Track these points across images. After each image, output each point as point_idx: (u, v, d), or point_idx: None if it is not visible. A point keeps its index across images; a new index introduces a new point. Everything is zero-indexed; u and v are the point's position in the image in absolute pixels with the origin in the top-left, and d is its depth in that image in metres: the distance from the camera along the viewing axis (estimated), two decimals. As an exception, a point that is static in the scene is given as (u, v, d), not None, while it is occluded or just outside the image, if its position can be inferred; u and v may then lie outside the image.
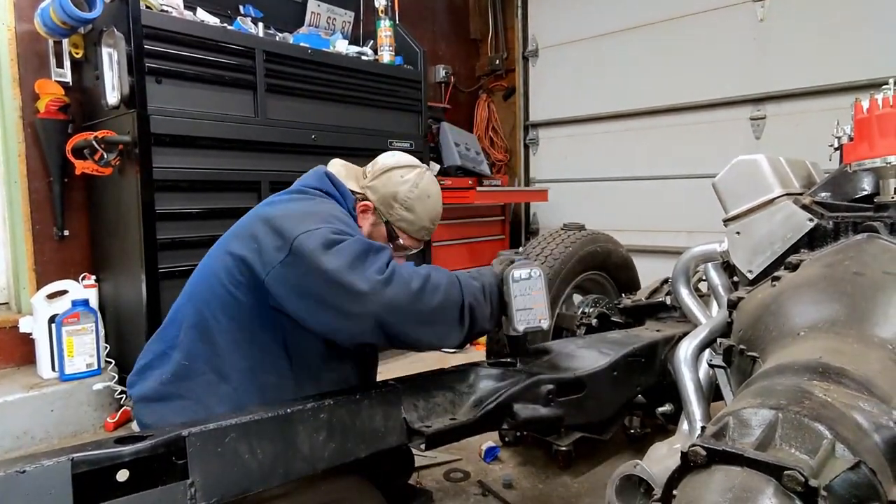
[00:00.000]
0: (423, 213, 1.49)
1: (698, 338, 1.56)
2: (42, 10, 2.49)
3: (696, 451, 0.71)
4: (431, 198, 1.50)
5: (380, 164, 1.51)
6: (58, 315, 2.58)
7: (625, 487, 1.18)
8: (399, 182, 1.46)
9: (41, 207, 2.77)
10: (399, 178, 1.47)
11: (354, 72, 3.17)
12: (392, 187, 1.46)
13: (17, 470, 0.86)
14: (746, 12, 3.57)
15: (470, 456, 2.21)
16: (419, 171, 1.50)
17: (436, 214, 1.53)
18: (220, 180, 2.63)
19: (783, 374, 0.89)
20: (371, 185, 1.48)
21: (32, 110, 2.70)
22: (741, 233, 1.54)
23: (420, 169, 1.51)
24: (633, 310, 2.17)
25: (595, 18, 4.30)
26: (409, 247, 1.54)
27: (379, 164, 1.51)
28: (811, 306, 1.12)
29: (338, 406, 1.22)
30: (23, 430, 2.40)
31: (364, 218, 1.48)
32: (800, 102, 3.42)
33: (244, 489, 1.08)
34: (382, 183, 1.47)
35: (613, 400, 1.62)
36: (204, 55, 2.56)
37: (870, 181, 1.55)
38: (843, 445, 0.71)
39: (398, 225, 1.48)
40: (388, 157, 1.53)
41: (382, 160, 1.52)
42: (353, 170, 1.55)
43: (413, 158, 1.55)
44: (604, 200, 4.35)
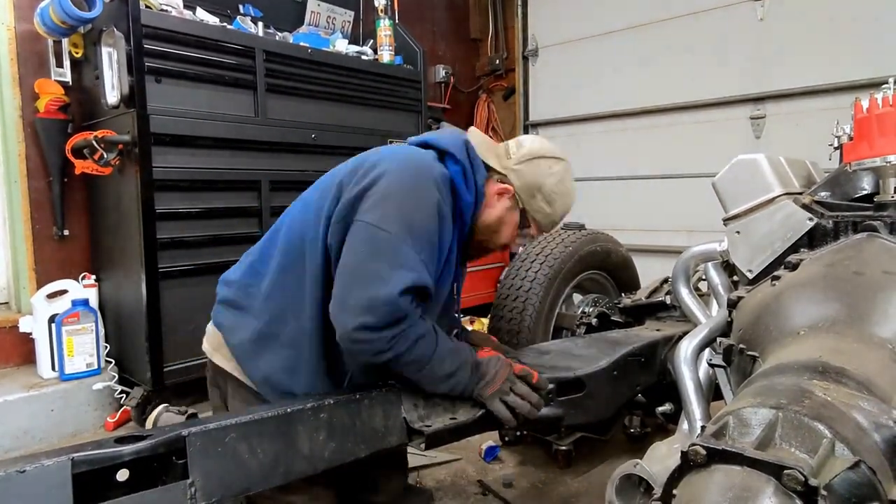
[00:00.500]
0: (560, 208, 1.46)
1: (698, 337, 1.56)
2: (41, 9, 2.48)
3: (696, 450, 0.71)
4: (571, 194, 1.47)
5: (527, 149, 1.42)
6: (58, 315, 2.58)
7: (625, 487, 1.18)
8: (547, 173, 1.41)
9: (41, 207, 2.77)
10: (547, 170, 1.41)
11: (354, 71, 3.17)
12: (540, 178, 1.40)
13: (17, 469, 0.86)
14: (746, 11, 3.57)
15: (470, 455, 2.21)
16: (565, 164, 1.45)
17: (568, 210, 1.50)
18: (219, 180, 2.63)
19: (783, 374, 0.89)
20: (517, 169, 1.40)
21: (32, 110, 2.70)
22: (741, 232, 1.54)
23: (566, 162, 1.46)
24: (633, 309, 2.17)
25: (595, 18, 4.30)
26: (532, 235, 1.52)
27: (526, 149, 1.42)
28: (811, 306, 1.12)
29: (338, 406, 1.22)
30: (23, 430, 2.41)
31: (500, 200, 1.41)
32: (800, 102, 3.42)
33: (244, 489, 1.08)
34: (530, 170, 1.40)
35: (613, 399, 1.62)
36: (204, 55, 2.56)
37: (869, 180, 1.55)
38: (843, 445, 0.71)
39: (534, 215, 1.44)
40: (534, 142, 1.45)
41: (529, 144, 1.44)
42: (491, 144, 1.47)
43: (558, 149, 1.47)
44: (603, 200, 4.35)
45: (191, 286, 2.56)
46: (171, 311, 2.48)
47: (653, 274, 2.39)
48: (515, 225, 1.45)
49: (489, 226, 1.42)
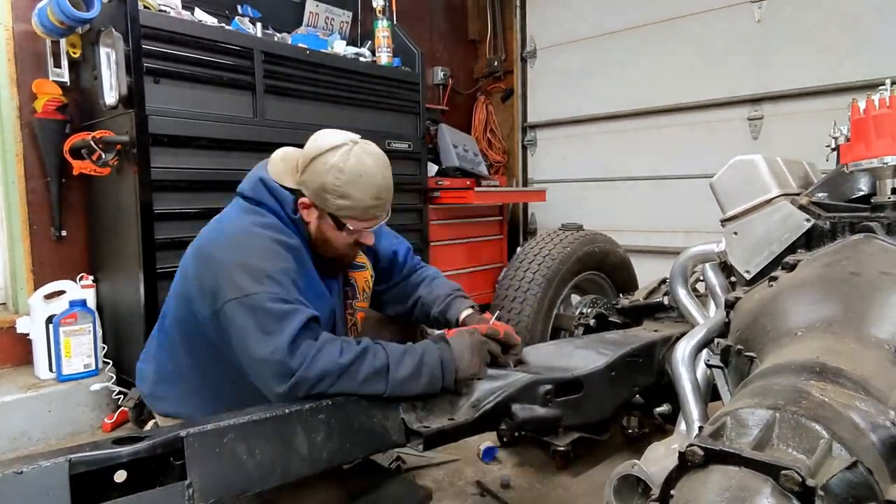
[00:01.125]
0: (360, 195, 1.37)
1: (696, 338, 1.56)
2: (39, 9, 2.48)
3: (694, 450, 0.71)
4: (364, 175, 1.36)
5: (306, 152, 1.40)
6: (55, 315, 2.57)
7: (622, 487, 1.17)
8: (323, 171, 1.35)
9: (39, 208, 2.77)
10: (323, 167, 1.35)
11: (352, 73, 3.17)
12: (320, 178, 1.36)
13: (14, 471, 0.86)
14: (744, 13, 3.58)
15: (468, 456, 2.21)
16: (343, 149, 1.37)
17: (377, 189, 1.39)
18: (218, 180, 2.62)
19: (780, 374, 0.89)
20: (303, 181, 1.39)
21: (30, 110, 2.69)
22: (739, 233, 1.55)
23: (346, 146, 1.38)
24: (631, 310, 2.17)
25: (593, 19, 4.31)
26: (362, 229, 1.44)
27: (305, 152, 1.40)
28: (808, 306, 1.12)
29: (336, 406, 1.22)
30: (20, 431, 2.40)
31: (309, 214, 1.42)
32: (797, 103, 3.43)
33: (242, 490, 1.08)
34: (311, 176, 1.37)
35: (611, 400, 1.63)
36: (202, 55, 2.56)
37: (866, 181, 1.55)
38: (840, 445, 0.71)
39: (341, 215, 1.39)
40: (311, 141, 1.42)
41: (308, 145, 1.41)
42: (291, 161, 1.45)
43: (337, 135, 1.41)
44: (602, 201, 4.36)
45: (189, 287, 2.55)
46: (169, 311, 2.48)
47: (651, 275, 2.39)
48: (334, 228, 1.42)
49: (315, 240, 1.44)
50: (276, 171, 1.45)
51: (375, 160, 1.41)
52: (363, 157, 1.38)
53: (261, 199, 1.40)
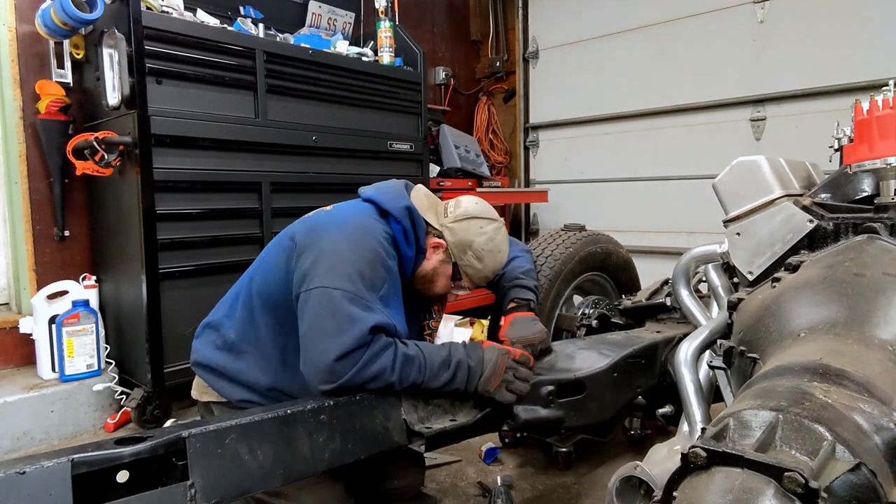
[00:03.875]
0: (490, 265, 1.57)
1: (698, 339, 1.56)
2: (43, 10, 2.49)
3: (697, 452, 0.71)
4: (500, 253, 1.59)
5: (462, 209, 1.56)
6: (58, 316, 2.58)
7: (625, 489, 1.17)
8: (478, 233, 1.53)
9: (42, 208, 2.78)
10: (478, 229, 1.54)
11: (355, 73, 3.17)
12: (470, 236, 1.53)
13: (17, 471, 0.86)
14: (746, 14, 3.57)
15: (470, 457, 2.21)
16: (497, 225, 1.58)
17: (499, 267, 1.63)
18: (220, 181, 2.63)
19: (783, 376, 0.89)
20: (451, 227, 1.54)
21: (33, 111, 2.70)
22: (741, 234, 1.54)
23: (498, 224, 1.59)
24: (634, 311, 2.17)
25: (596, 20, 4.30)
26: (466, 287, 1.63)
27: (461, 209, 1.57)
28: (811, 308, 1.12)
29: (338, 407, 1.22)
30: (23, 431, 2.40)
31: (435, 253, 1.56)
32: (800, 104, 3.42)
33: (244, 490, 1.08)
34: (462, 228, 1.54)
35: (613, 401, 1.62)
36: (204, 56, 2.57)
37: (870, 182, 1.55)
38: (844, 447, 0.71)
39: (465, 270, 1.56)
40: (471, 204, 1.59)
41: (466, 205, 1.58)
42: (434, 202, 1.62)
43: (493, 211, 1.62)
44: (604, 201, 4.35)
45: (191, 287, 2.56)
46: (172, 312, 2.48)
47: (653, 275, 2.39)
48: (448, 276, 1.58)
49: (425, 276, 1.57)
50: (421, 203, 1.58)
51: (507, 246, 1.64)
52: (505, 239, 1.62)
53: (401, 221, 1.50)
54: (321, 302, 1.29)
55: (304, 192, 2.93)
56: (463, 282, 1.59)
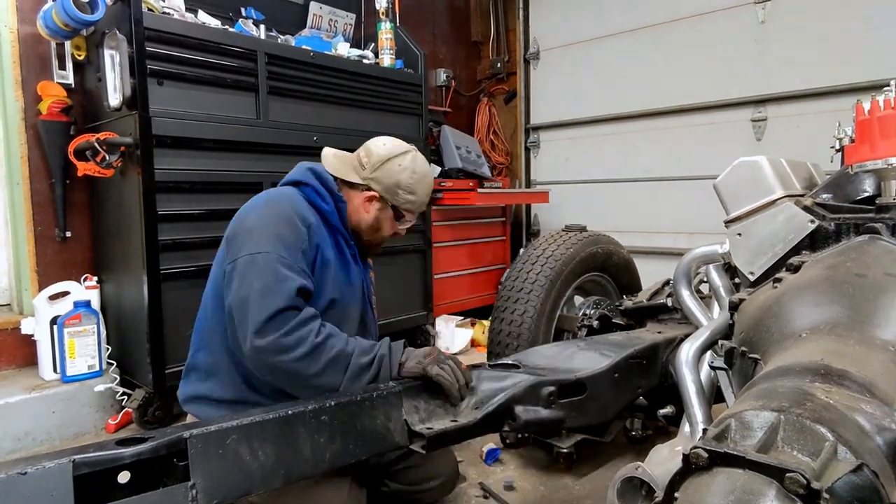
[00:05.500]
0: (423, 192, 1.66)
1: (700, 340, 1.56)
2: (44, 12, 2.49)
3: (698, 453, 0.71)
4: (427, 177, 1.67)
5: (375, 156, 1.63)
6: (59, 316, 2.58)
7: (626, 489, 1.17)
8: (399, 171, 1.60)
9: (43, 209, 2.78)
10: (398, 167, 1.61)
11: (355, 75, 3.17)
12: (394, 176, 1.60)
13: (18, 471, 0.86)
14: (747, 14, 3.57)
15: (471, 458, 2.21)
16: (412, 155, 1.65)
17: (431, 189, 1.71)
18: (221, 182, 2.63)
19: (785, 376, 0.89)
20: (374, 177, 1.61)
21: (35, 112, 2.71)
22: (742, 234, 1.54)
23: (412, 153, 1.66)
24: (635, 311, 2.17)
25: (596, 20, 4.31)
26: (410, 221, 1.71)
27: (375, 156, 1.63)
28: (813, 308, 1.12)
29: (339, 408, 1.22)
30: (24, 432, 2.41)
31: (370, 205, 1.63)
32: (801, 104, 3.42)
33: (245, 491, 1.08)
34: (384, 174, 1.60)
35: (615, 402, 1.62)
36: (206, 57, 2.57)
37: (871, 183, 1.55)
38: (846, 448, 0.71)
39: (404, 207, 1.64)
40: (380, 147, 1.65)
41: (376, 150, 1.64)
42: (347, 160, 1.68)
43: (400, 142, 1.68)
44: (605, 202, 4.35)
45: (193, 288, 2.56)
46: (173, 313, 2.48)
47: (654, 276, 2.39)
48: (391, 218, 1.67)
49: (370, 227, 1.66)
50: (333, 165, 1.66)
51: (428, 166, 1.73)
52: (424, 161, 1.69)
53: (306, 181, 1.59)
54: (247, 267, 1.37)
55: (305, 193, 2.94)
56: (406, 217, 1.68)
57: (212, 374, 1.54)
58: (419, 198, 1.65)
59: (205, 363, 1.56)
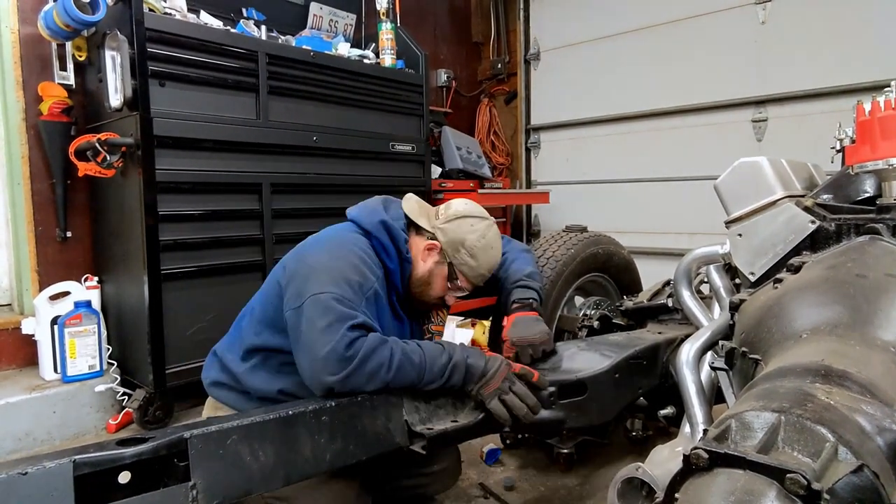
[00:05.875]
0: (484, 262, 1.60)
1: (700, 340, 1.55)
2: (45, 12, 2.50)
3: (699, 453, 0.71)
4: (493, 249, 1.62)
5: (453, 210, 1.62)
6: (60, 316, 2.58)
7: (626, 490, 1.17)
8: (469, 230, 1.58)
9: (44, 209, 2.78)
10: (469, 227, 1.58)
11: (356, 75, 3.18)
12: (462, 234, 1.57)
13: (19, 471, 0.86)
14: (748, 15, 3.57)
15: (471, 458, 2.20)
16: (488, 223, 1.63)
17: (494, 264, 1.65)
18: (222, 182, 2.63)
19: (785, 377, 0.89)
20: (442, 228, 1.59)
21: (35, 112, 2.71)
22: (743, 235, 1.54)
23: (489, 221, 1.63)
24: (635, 312, 2.17)
25: (597, 21, 4.30)
26: (464, 288, 1.64)
27: (452, 210, 1.62)
28: (813, 309, 1.11)
29: (339, 408, 1.22)
30: (25, 432, 2.41)
31: (429, 255, 1.59)
32: (802, 105, 3.42)
33: (246, 491, 1.08)
34: (453, 228, 1.58)
35: (615, 402, 1.62)
36: (207, 58, 2.57)
37: (872, 183, 1.55)
38: (846, 448, 0.71)
39: (460, 268, 1.59)
40: (461, 204, 1.64)
41: (456, 206, 1.64)
42: (425, 208, 1.67)
43: (483, 211, 1.67)
44: (605, 202, 4.35)
45: (193, 288, 2.56)
46: (174, 313, 2.49)
47: (655, 276, 2.39)
48: (444, 277, 1.60)
49: (421, 278, 1.59)
50: (412, 208, 1.63)
51: (500, 244, 1.68)
52: (498, 236, 1.66)
53: (377, 235, 1.54)
54: (311, 309, 1.32)
55: (304, 193, 2.94)
56: (459, 281, 1.61)
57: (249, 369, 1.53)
58: (479, 266, 1.59)
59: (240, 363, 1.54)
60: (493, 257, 1.62)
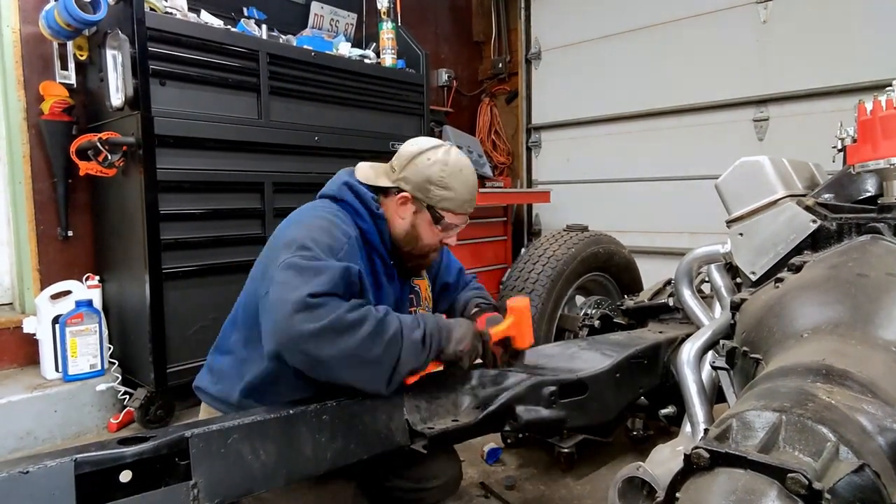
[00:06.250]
0: (460, 187, 1.49)
1: (701, 339, 1.55)
2: (46, 12, 2.50)
3: (700, 453, 0.71)
4: (464, 170, 1.50)
5: (404, 154, 1.51)
6: (61, 315, 2.58)
7: (627, 490, 1.17)
8: (427, 164, 1.46)
9: (45, 208, 2.79)
10: (427, 161, 1.47)
11: (357, 75, 3.18)
12: (424, 171, 1.46)
13: (20, 470, 0.87)
14: (749, 14, 3.57)
15: (472, 457, 2.21)
16: (444, 148, 1.50)
17: (472, 185, 1.53)
18: (223, 181, 2.64)
19: (786, 377, 0.89)
20: (402, 177, 1.48)
21: (37, 112, 2.71)
22: (744, 234, 1.54)
23: (445, 146, 1.51)
24: (636, 311, 2.17)
25: (598, 20, 4.30)
26: (456, 224, 1.54)
27: (403, 154, 1.51)
28: (815, 308, 1.11)
29: (340, 407, 1.22)
30: (26, 431, 2.41)
31: (404, 209, 1.49)
32: (803, 104, 3.41)
33: (247, 490, 1.08)
34: (412, 171, 1.47)
35: (616, 402, 1.62)
36: (208, 57, 2.57)
37: (873, 183, 1.55)
38: (847, 448, 0.71)
39: (441, 206, 1.48)
40: (409, 145, 1.52)
41: (405, 149, 1.52)
42: (380, 168, 1.55)
43: (435, 140, 1.55)
44: (606, 202, 4.35)
45: (194, 287, 2.57)
46: (175, 312, 2.49)
47: (656, 276, 2.39)
48: (430, 222, 1.50)
49: (406, 235, 1.50)
50: (367, 174, 1.53)
51: (468, 161, 1.54)
52: (460, 155, 1.52)
53: (342, 197, 1.48)
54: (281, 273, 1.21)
55: (306, 193, 2.92)
56: (447, 219, 1.50)
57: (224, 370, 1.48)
58: (457, 193, 1.48)
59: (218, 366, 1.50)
60: (466, 178, 1.50)
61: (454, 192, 1.48)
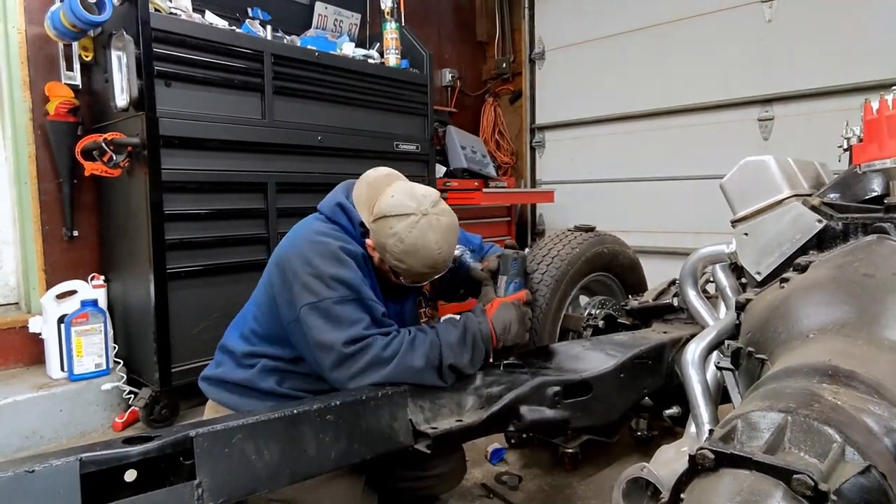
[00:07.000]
0: (415, 264, 1.44)
1: (706, 340, 1.55)
2: (52, 13, 2.51)
3: (704, 454, 0.71)
4: (422, 250, 1.42)
5: (377, 207, 1.46)
6: (67, 315, 2.59)
7: (632, 490, 1.17)
8: (388, 234, 1.42)
9: (51, 208, 2.80)
10: (388, 231, 1.42)
11: (361, 75, 3.18)
12: (382, 238, 1.44)
13: (25, 469, 0.87)
14: (754, 13, 3.55)
15: (476, 458, 2.20)
16: (411, 220, 1.41)
17: (432, 262, 1.45)
18: (227, 181, 2.64)
19: (792, 377, 0.88)
20: (371, 228, 1.48)
21: (42, 112, 2.73)
22: (749, 234, 1.53)
23: (413, 217, 1.41)
24: (640, 311, 2.16)
25: (602, 20, 4.29)
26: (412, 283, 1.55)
27: (378, 206, 1.46)
28: (820, 308, 1.11)
29: (344, 407, 1.23)
30: (32, 430, 2.42)
31: (373, 252, 1.51)
32: (808, 103, 3.40)
33: (251, 490, 1.08)
34: (375, 230, 1.46)
35: (620, 402, 1.62)
36: (212, 58, 2.58)
37: (879, 182, 1.54)
38: (853, 449, 0.70)
39: (396, 269, 1.49)
40: (387, 198, 1.46)
41: (383, 200, 1.47)
42: (374, 192, 1.51)
43: (410, 201, 1.44)
44: (610, 202, 4.34)
45: (199, 287, 2.57)
46: (180, 311, 2.49)
47: (660, 276, 2.38)
48: (391, 272, 1.52)
49: (385, 270, 1.53)
50: (359, 197, 1.54)
51: (438, 235, 1.44)
52: (427, 232, 1.42)
53: (336, 220, 1.53)
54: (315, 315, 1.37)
55: (309, 193, 2.94)
56: (402, 280, 1.51)
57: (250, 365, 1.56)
58: (411, 268, 1.44)
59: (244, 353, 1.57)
60: (424, 256, 1.42)
61: (407, 266, 1.45)
